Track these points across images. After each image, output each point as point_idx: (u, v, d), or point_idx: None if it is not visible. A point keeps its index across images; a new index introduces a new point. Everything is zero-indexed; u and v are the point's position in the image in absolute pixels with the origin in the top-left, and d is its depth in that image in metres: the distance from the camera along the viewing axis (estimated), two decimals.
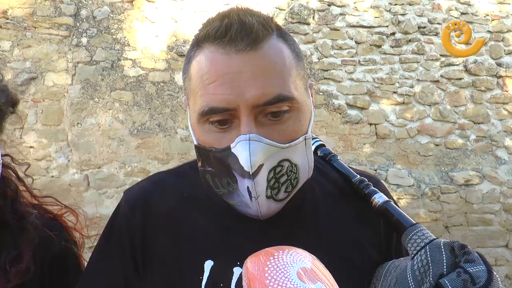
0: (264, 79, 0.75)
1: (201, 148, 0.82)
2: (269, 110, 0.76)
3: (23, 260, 0.99)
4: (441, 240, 0.76)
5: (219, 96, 0.75)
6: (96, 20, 4.07)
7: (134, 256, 0.89)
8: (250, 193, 0.78)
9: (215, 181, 0.83)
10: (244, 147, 0.74)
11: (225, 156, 0.77)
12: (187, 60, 0.84)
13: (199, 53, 0.80)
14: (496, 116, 4.54)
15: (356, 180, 0.93)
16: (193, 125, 0.83)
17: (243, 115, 0.75)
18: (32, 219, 1.05)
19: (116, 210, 0.98)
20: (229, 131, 0.78)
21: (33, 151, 3.92)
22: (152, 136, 4.08)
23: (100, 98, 4.03)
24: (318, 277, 0.68)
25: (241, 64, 0.75)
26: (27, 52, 3.94)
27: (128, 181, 4.00)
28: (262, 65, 0.76)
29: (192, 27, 4.18)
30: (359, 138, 4.39)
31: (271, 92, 0.75)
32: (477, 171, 4.47)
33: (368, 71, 4.42)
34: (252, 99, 0.75)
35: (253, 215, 0.82)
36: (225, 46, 0.76)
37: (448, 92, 4.50)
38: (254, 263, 0.71)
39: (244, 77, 0.75)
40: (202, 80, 0.78)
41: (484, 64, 4.53)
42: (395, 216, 0.85)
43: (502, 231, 4.45)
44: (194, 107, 0.80)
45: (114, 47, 4.07)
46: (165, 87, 4.13)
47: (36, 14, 3.97)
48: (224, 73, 0.76)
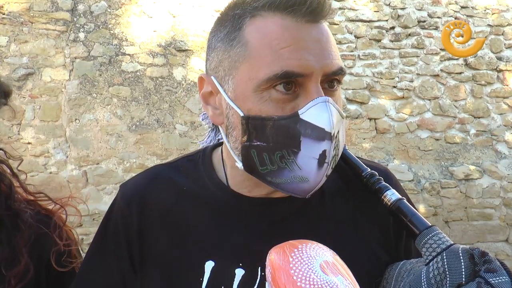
0: (332, 50, 0.77)
1: (254, 118, 0.76)
2: (329, 79, 0.77)
3: (21, 261, 0.97)
4: (459, 246, 0.72)
5: (296, 60, 0.73)
6: (94, 15, 4.04)
7: (131, 253, 0.87)
8: (323, 159, 0.74)
9: (262, 157, 0.76)
10: (324, 109, 0.73)
11: (292, 123, 0.73)
12: (234, 28, 0.79)
13: (257, 20, 0.77)
14: (496, 110, 4.53)
15: (367, 173, 0.89)
16: (240, 95, 0.77)
17: (314, 82, 0.74)
18: (26, 216, 1.03)
19: (112, 206, 0.95)
20: (292, 99, 0.75)
21: (31, 147, 3.90)
22: (150, 132, 4.06)
23: (98, 93, 4.00)
24: (340, 271, 0.69)
25: (313, 33, 0.76)
26: (24, 48, 3.91)
27: (126, 177, 3.98)
28: (328, 38, 0.78)
29: (190, 22, 4.15)
30: (359, 133, 4.37)
31: (338, 63, 0.77)
32: (477, 165, 4.47)
33: (367, 66, 4.40)
34: (326, 67, 0.75)
35: (305, 190, 0.78)
36: (295, 15, 0.75)
37: (448, 86, 4.49)
38: (279, 254, 0.71)
39: (318, 45, 0.75)
40: (271, 45, 0.74)
41: (484, 58, 4.52)
42: (409, 216, 0.81)
43: (502, 226, 4.45)
44: (252, 73, 0.75)
45: (112, 42, 4.04)
46: (163, 82, 4.10)
47: (33, 9, 3.93)
48: (300, 39, 0.74)
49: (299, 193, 0.78)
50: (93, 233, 0.96)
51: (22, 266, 0.97)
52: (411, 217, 0.80)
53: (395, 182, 0.94)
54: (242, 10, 0.79)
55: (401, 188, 0.96)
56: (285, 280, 0.67)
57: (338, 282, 0.66)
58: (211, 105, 0.85)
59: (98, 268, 0.92)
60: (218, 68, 0.82)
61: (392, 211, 0.83)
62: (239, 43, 0.78)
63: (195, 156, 0.97)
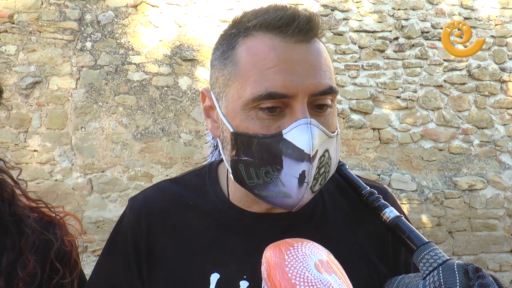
0: (320, 70, 0.78)
1: (242, 135, 0.79)
2: (317, 101, 0.78)
3: (27, 265, 0.99)
4: (454, 261, 0.75)
5: (280, 81, 0.75)
6: (101, 25, 4.09)
7: (139, 264, 0.89)
8: (303, 178, 0.76)
9: (249, 172, 0.80)
10: (305, 131, 0.75)
11: (275, 142, 0.76)
12: (229, 47, 0.82)
13: (249, 40, 0.79)
14: (500, 121, 4.53)
15: (366, 192, 0.92)
16: (231, 112, 0.81)
17: (299, 102, 0.76)
18: (30, 221, 1.05)
19: (121, 218, 0.98)
20: (278, 118, 0.77)
21: (37, 154, 3.94)
22: (155, 140, 4.09)
23: (104, 102, 4.04)
24: (333, 270, 0.71)
25: (301, 53, 0.77)
26: (32, 56, 3.96)
27: (131, 185, 4.01)
28: (318, 57, 0.79)
29: (196, 32, 4.20)
30: (362, 143, 4.38)
31: (326, 83, 0.78)
32: (481, 176, 4.46)
33: (371, 76, 4.42)
34: (312, 87, 0.76)
35: (290, 205, 0.80)
36: (284, 35, 0.77)
37: (452, 97, 4.50)
38: (275, 251, 0.73)
39: (304, 65, 0.77)
40: (258, 66, 0.77)
41: (488, 68, 4.53)
42: (407, 233, 0.84)
43: (506, 237, 4.43)
44: (241, 92, 0.78)
45: (118, 52, 4.09)
46: (168, 91, 4.14)
47: (41, 19, 3.99)
48: (285, 59, 0.76)
49: (285, 207, 0.82)
50: (97, 240, 0.98)
51: (29, 269, 0.98)
52: (409, 234, 0.84)
53: (392, 201, 0.97)
54: (237, 30, 0.82)
55: (398, 206, 0.99)
56: (280, 277, 0.69)
57: (331, 281, 0.68)
58: (211, 118, 0.89)
59: (106, 279, 0.94)
60: (215, 85, 0.86)
61: (390, 228, 0.86)
62: (231, 62, 0.81)
63: (201, 171, 1.00)
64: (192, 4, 4.22)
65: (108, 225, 3.88)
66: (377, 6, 4.48)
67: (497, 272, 4.35)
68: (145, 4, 4.16)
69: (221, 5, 4.24)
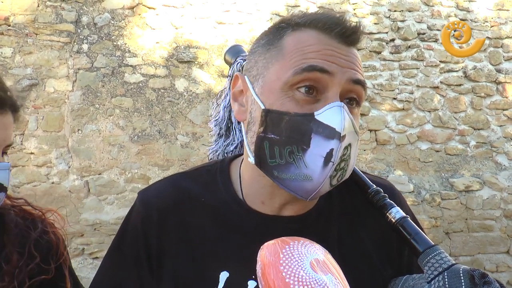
0: (357, 67, 0.83)
1: (273, 112, 0.80)
2: (350, 94, 0.82)
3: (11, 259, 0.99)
4: (460, 267, 0.74)
5: (321, 60, 0.79)
6: (97, 27, 4.09)
7: (149, 260, 0.89)
8: (329, 157, 0.76)
9: (273, 150, 0.80)
10: (338, 112, 0.77)
11: (306, 121, 0.78)
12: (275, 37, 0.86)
13: (296, 32, 0.84)
14: (496, 122, 4.55)
15: (373, 190, 0.92)
16: (266, 91, 0.83)
17: (335, 86, 0.79)
18: (12, 217, 1.06)
19: (130, 212, 0.97)
20: (312, 102, 0.79)
21: (34, 157, 3.93)
22: (152, 143, 4.09)
23: (100, 104, 4.04)
24: (329, 270, 0.70)
25: (343, 50, 0.82)
26: (28, 59, 3.96)
27: (128, 187, 4.00)
28: (356, 58, 0.84)
29: (192, 34, 4.20)
30: (359, 144, 4.38)
31: (361, 76, 0.83)
32: (477, 177, 4.48)
33: (368, 78, 4.43)
34: (349, 73, 0.80)
35: (307, 191, 0.80)
36: (330, 34, 0.82)
37: (448, 98, 4.51)
38: (270, 249, 0.73)
39: (345, 58, 0.81)
40: (302, 49, 0.81)
41: (484, 70, 4.54)
42: (412, 235, 0.83)
43: (503, 237, 4.44)
44: (280, 73, 0.81)
45: (115, 54, 4.09)
46: (165, 93, 4.14)
47: (38, 21, 3.99)
48: (329, 49, 0.81)
49: (302, 194, 0.81)
50: (95, 242, 0.98)
51: (13, 262, 0.99)
52: (414, 236, 0.83)
53: (399, 199, 0.97)
54: (286, 24, 0.86)
55: (405, 204, 0.98)
56: (274, 276, 0.68)
57: (327, 280, 0.67)
58: (238, 102, 0.90)
59: (115, 277, 0.93)
60: (252, 68, 0.88)
61: (396, 229, 0.86)
62: (276, 47, 0.84)
63: (213, 167, 0.99)
64: (188, 6, 4.22)
65: (105, 228, 3.87)
66: (373, 8, 4.49)
67: (494, 273, 4.36)
68: (142, 6, 4.16)
69: (218, 7, 4.24)
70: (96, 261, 3.83)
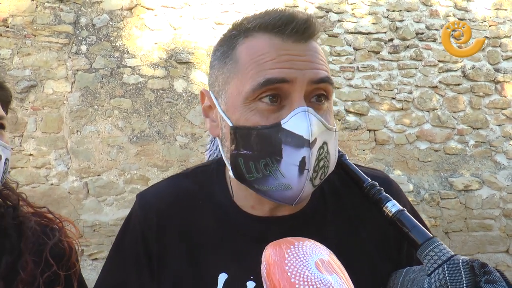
0: (317, 63, 0.81)
1: (241, 128, 0.80)
2: (315, 92, 0.81)
3: (27, 267, 1.00)
4: (459, 258, 0.74)
5: (278, 69, 0.78)
6: (96, 28, 4.09)
7: (150, 262, 0.89)
8: (303, 166, 0.76)
9: (248, 165, 0.80)
10: (304, 118, 0.76)
11: (274, 132, 0.77)
12: (229, 48, 0.85)
13: (248, 40, 0.82)
14: (495, 121, 4.55)
15: (368, 184, 0.91)
16: (231, 107, 0.82)
17: (297, 91, 0.78)
18: (31, 224, 1.08)
19: (130, 215, 0.97)
20: (277, 110, 0.79)
21: (33, 158, 3.92)
22: (151, 144, 4.08)
23: (99, 105, 4.03)
24: (334, 270, 0.70)
25: (298, 50, 0.80)
26: (26, 60, 3.95)
27: (127, 189, 4.00)
28: (315, 54, 0.82)
29: (191, 35, 4.20)
30: (358, 144, 4.39)
31: (324, 73, 0.81)
32: (477, 176, 4.48)
33: (366, 78, 4.43)
34: (309, 74, 0.79)
35: (290, 198, 0.80)
36: (283, 35, 0.80)
37: (447, 98, 4.52)
38: (275, 249, 0.72)
39: (302, 60, 0.80)
40: (257, 61, 0.79)
41: (482, 69, 4.55)
42: (410, 228, 0.82)
43: (502, 237, 4.44)
44: (240, 87, 0.80)
45: (114, 55, 4.09)
46: (164, 94, 4.14)
47: (36, 22, 3.98)
48: (284, 54, 0.79)
49: (285, 201, 0.81)
50: (94, 244, 0.98)
51: (29, 270, 1.00)
52: (411, 229, 0.82)
53: (396, 191, 0.96)
54: (237, 32, 0.84)
55: (402, 194, 0.98)
56: (279, 276, 0.68)
57: (332, 281, 0.67)
58: (210, 118, 0.90)
59: (115, 281, 0.93)
60: (214, 84, 0.87)
61: (393, 222, 0.85)
62: (231, 60, 0.83)
63: (208, 167, 0.99)
64: (187, 7, 4.22)
65: (104, 229, 3.87)
66: (371, 8, 4.50)
67: None
68: (140, 7, 4.16)
69: (216, 7, 4.25)
70: (95, 262, 3.82)
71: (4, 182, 1.08)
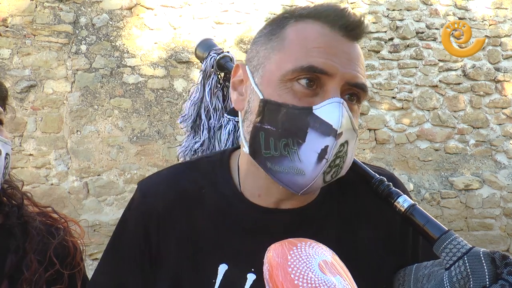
0: (360, 67, 0.81)
1: (271, 103, 0.79)
2: (349, 91, 0.81)
3: (31, 266, 1.00)
4: (480, 250, 0.73)
5: (323, 60, 0.77)
6: (95, 28, 4.08)
7: (150, 252, 0.89)
8: (323, 154, 0.75)
9: (268, 141, 0.79)
10: (337, 108, 0.76)
11: (303, 114, 0.77)
12: (278, 26, 0.85)
13: (299, 23, 0.82)
14: (495, 121, 4.55)
15: (376, 180, 0.90)
16: (266, 81, 0.82)
17: (335, 83, 0.78)
18: (36, 224, 1.08)
19: (130, 204, 0.96)
20: (311, 95, 0.78)
21: (33, 158, 3.92)
22: (151, 143, 4.08)
23: (99, 105, 4.03)
24: (338, 271, 0.69)
25: (346, 46, 0.81)
26: (26, 60, 3.95)
27: (127, 188, 3.99)
28: (359, 56, 0.82)
29: (190, 34, 4.20)
30: (359, 144, 4.39)
31: (362, 79, 0.81)
32: (477, 175, 4.48)
33: (367, 77, 4.41)
34: (350, 75, 0.79)
35: (299, 185, 0.79)
36: (334, 27, 0.80)
37: (447, 97, 4.51)
38: (278, 251, 0.72)
39: (348, 57, 0.80)
40: (305, 44, 0.79)
41: (482, 68, 4.55)
42: (424, 222, 0.82)
43: (502, 236, 4.44)
44: (281, 64, 0.80)
45: (113, 54, 4.08)
46: (164, 94, 4.13)
47: (36, 22, 3.98)
48: (332, 45, 0.79)
49: (294, 188, 0.80)
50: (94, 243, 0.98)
51: (33, 269, 1.00)
52: (426, 223, 0.82)
53: (402, 187, 0.95)
54: (290, 15, 0.85)
55: (407, 192, 0.96)
56: (283, 278, 0.67)
57: (336, 282, 0.66)
58: (237, 91, 0.90)
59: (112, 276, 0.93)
60: (253, 58, 0.87)
61: (407, 217, 0.84)
62: (278, 37, 0.83)
63: (213, 158, 0.98)
64: (186, 6, 4.22)
65: (104, 229, 3.86)
66: (371, 7, 4.49)
67: None
68: (140, 7, 4.15)
69: (216, 7, 4.24)
70: (95, 262, 3.82)
71: (7, 179, 1.08)
